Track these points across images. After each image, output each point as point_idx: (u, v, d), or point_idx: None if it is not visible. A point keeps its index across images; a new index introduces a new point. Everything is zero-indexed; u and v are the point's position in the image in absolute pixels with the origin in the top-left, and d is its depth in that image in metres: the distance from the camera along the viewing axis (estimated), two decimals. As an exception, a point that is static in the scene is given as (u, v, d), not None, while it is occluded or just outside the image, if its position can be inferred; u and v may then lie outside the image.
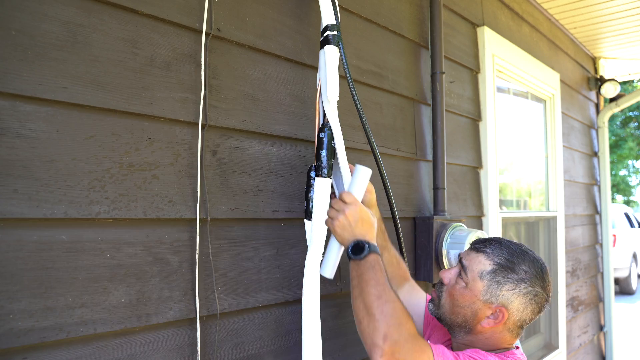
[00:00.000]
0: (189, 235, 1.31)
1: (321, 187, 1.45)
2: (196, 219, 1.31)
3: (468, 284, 1.32)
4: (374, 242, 1.36)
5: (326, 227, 1.46)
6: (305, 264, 1.42)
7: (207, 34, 1.36)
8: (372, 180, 1.70)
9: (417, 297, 1.65)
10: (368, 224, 1.37)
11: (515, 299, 1.28)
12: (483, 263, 1.31)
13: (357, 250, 1.32)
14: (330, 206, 1.41)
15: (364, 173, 1.44)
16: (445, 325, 1.41)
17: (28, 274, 1.02)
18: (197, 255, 1.31)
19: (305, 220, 1.48)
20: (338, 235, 1.38)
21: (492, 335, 1.33)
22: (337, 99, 1.49)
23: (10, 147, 1.01)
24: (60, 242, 1.07)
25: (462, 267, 1.36)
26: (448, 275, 1.39)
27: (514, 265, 1.29)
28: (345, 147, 1.77)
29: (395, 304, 1.24)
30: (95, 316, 1.12)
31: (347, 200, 1.38)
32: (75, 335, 1.08)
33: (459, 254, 1.41)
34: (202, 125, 1.34)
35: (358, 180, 1.44)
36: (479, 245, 1.37)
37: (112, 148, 1.17)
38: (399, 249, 1.82)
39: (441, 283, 1.41)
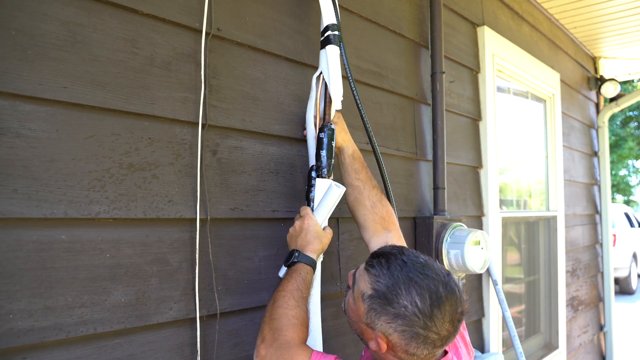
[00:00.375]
0: (189, 235, 1.31)
1: (322, 188, 1.46)
2: (196, 218, 1.31)
3: (355, 300, 1.17)
4: (312, 254, 1.38)
5: (330, 212, 1.46)
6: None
7: (207, 34, 1.36)
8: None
9: None
10: (311, 236, 1.40)
11: (393, 333, 1.08)
12: (365, 284, 1.15)
13: (287, 258, 1.39)
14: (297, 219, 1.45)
15: (335, 193, 1.45)
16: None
17: (28, 273, 1.02)
18: (197, 255, 1.31)
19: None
20: (288, 243, 1.44)
21: (388, 358, 1.15)
22: (342, 98, 1.49)
23: (10, 146, 1.01)
24: (60, 242, 1.07)
25: (354, 277, 1.22)
26: (350, 279, 1.25)
27: (393, 296, 1.09)
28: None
29: (286, 311, 1.24)
30: (95, 316, 1.12)
31: (301, 213, 1.44)
32: (75, 335, 1.08)
33: (355, 269, 1.26)
34: (202, 124, 1.34)
35: (327, 199, 1.45)
36: (370, 260, 1.19)
37: (112, 148, 1.17)
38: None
39: (348, 286, 1.26)
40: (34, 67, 1.05)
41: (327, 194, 1.45)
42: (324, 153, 1.48)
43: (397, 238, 1.51)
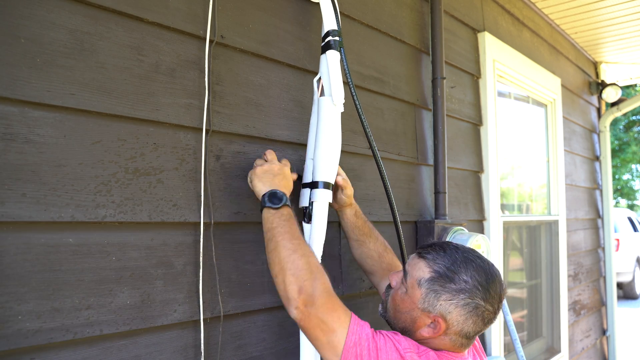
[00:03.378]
0: (193, 239, 1.33)
1: (319, 191, 1.48)
2: (200, 222, 1.34)
3: (408, 290, 1.25)
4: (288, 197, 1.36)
5: (325, 229, 1.48)
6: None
7: (210, 41, 1.38)
8: (373, 184, 1.72)
9: None
10: (289, 183, 1.39)
11: (453, 310, 1.18)
12: (422, 270, 1.23)
13: (274, 199, 1.31)
14: (259, 159, 1.43)
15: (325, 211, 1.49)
16: (394, 329, 1.32)
17: (36, 276, 1.05)
18: (201, 258, 1.33)
19: (304, 223, 1.50)
20: (257, 177, 1.35)
21: (434, 342, 1.23)
22: (343, 101, 1.51)
23: (19, 152, 1.03)
24: (67, 245, 1.10)
25: (404, 271, 1.30)
26: (395, 278, 1.33)
27: (453, 274, 1.20)
28: (347, 152, 1.80)
29: (310, 258, 1.24)
30: (101, 318, 1.14)
31: (283, 161, 1.43)
32: (81, 336, 1.10)
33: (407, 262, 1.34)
34: (206, 130, 1.36)
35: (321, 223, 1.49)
36: (422, 250, 1.29)
37: (118, 153, 1.19)
38: (400, 253, 1.83)
39: (389, 286, 1.35)
40: (43, 74, 1.07)
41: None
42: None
43: None
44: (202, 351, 1.32)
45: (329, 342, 1.18)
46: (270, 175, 1.36)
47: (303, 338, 1.43)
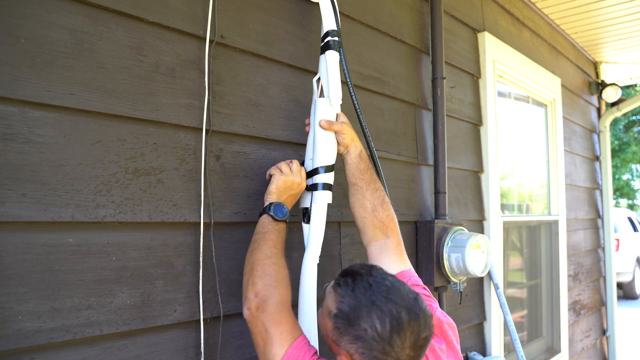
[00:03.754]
0: (193, 239, 1.33)
1: (319, 193, 1.48)
2: (200, 222, 1.34)
3: (323, 317, 1.18)
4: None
5: (323, 230, 1.48)
6: (302, 266, 1.44)
7: (210, 41, 1.38)
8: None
9: (389, 265, 1.43)
10: (296, 198, 1.47)
11: (354, 353, 1.09)
12: (332, 303, 1.15)
13: (279, 211, 1.37)
14: (287, 164, 1.46)
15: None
16: None
17: (36, 276, 1.05)
18: (200, 258, 1.33)
19: (303, 224, 1.50)
20: (277, 187, 1.41)
21: None
22: (341, 102, 1.52)
23: (19, 152, 1.03)
24: (67, 245, 1.10)
25: (324, 294, 1.22)
26: (323, 293, 1.25)
27: (355, 318, 1.09)
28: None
29: (280, 268, 1.28)
30: (101, 318, 1.14)
31: (303, 175, 1.47)
32: (81, 336, 1.10)
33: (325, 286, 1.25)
34: (206, 130, 1.36)
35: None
36: (339, 279, 1.18)
37: (118, 153, 1.19)
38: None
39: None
40: (43, 74, 1.08)
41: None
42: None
43: (395, 244, 1.49)
44: (202, 351, 1.32)
45: (265, 353, 1.18)
46: (288, 191, 1.43)
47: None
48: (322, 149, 1.49)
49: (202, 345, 1.32)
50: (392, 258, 1.46)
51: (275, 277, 1.25)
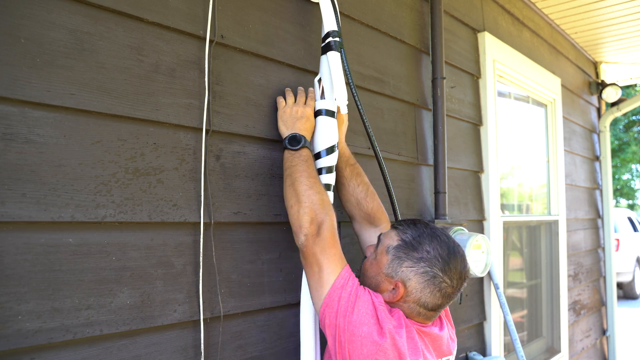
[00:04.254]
0: (193, 239, 1.33)
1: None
2: (200, 222, 1.34)
3: (377, 256, 1.36)
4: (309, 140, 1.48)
5: None
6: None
7: (210, 41, 1.38)
8: (373, 184, 1.72)
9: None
10: (310, 126, 1.50)
11: (412, 277, 1.28)
12: (392, 238, 1.34)
13: (293, 141, 1.43)
14: (290, 93, 1.53)
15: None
16: None
17: (36, 276, 1.05)
18: (200, 258, 1.33)
19: None
20: (282, 121, 1.48)
21: (401, 306, 1.31)
22: (347, 102, 1.52)
23: (19, 152, 1.03)
24: (67, 245, 1.10)
25: (378, 240, 1.40)
26: (370, 249, 1.45)
27: (418, 244, 1.30)
28: (347, 152, 1.79)
29: (324, 196, 1.34)
30: (101, 317, 1.14)
31: (307, 101, 1.52)
32: (81, 336, 1.10)
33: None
34: (206, 130, 1.36)
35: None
36: (396, 223, 1.41)
37: (118, 153, 1.19)
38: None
39: (365, 256, 1.46)
40: (43, 74, 1.08)
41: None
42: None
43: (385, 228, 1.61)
44: (202, 351, 1.32)
45: (320, 277, 1.28)
46: (293, 119, 1.47)
47: (303, 337, 1.43)
48: (322, 133, 1.51)
49: (202, 345, 1.32)
50: None
51: (322, 204, 1.32)
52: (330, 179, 1.51)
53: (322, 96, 1.54)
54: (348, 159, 1.65)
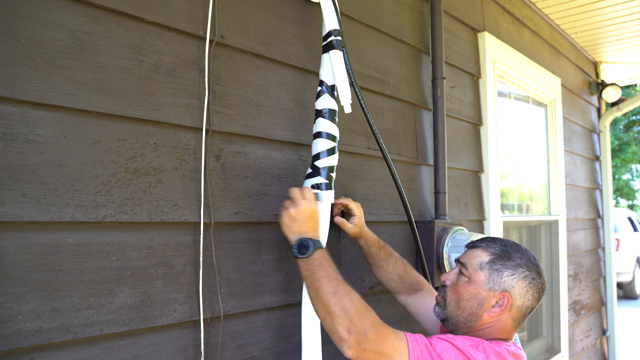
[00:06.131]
0: (193, 239, 1.33)
1: (322, 193, 1.48)
2: (200, 222, 1.34)
3: (470, 277, 1.37)
4: (318, 238, 1.37)
5: (327, 230, 1.49)
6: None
7: (210, 41, 1.38)
8: (373, 184, 1.72)
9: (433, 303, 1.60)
10: (315, 223, 1.40)
11: (516, 284, 1.33)
12: (480, 256, 1.38)
13: (302, 248, 1.34)
14: (289, 197, 1.43)
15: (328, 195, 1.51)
16: (450, 325, 1.41)
17: (36, 276, 1.05)
18: (200, 258, 1.33)
19: None
20: (286, 227, 1.39)
21: (495, 325, 1.35)
22: (351, 101, 1.52)
23: (19, 152, 1.03)
24: (67, 245, 1.10)
25: (461, 264, 1.41)
26: (449, 276, 1.43)
27: (509, 253, 1.36)
28: (347, 152, 1.80)
29: (351, 296, 1.26)
30: (101, 317, 1.14)
31: (306, 196, 1.39)
32: (81, 336, 1.10)
33: (456, 259, 1.45)
34: (206, 130, 1.36)
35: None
36: (472, 243, 1.44)
37: (118, 153, 1.19)
38: (417, 251, 1.85)
39: (444, 285, 1.44)
40: (43, 74, 1.07)
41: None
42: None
43: (430, 292, 1.70)
44: (202, 351, 1.32)
45: None
46: (297, 223, 1.37)
47: (304, 338, 1.43)
48: (323, 150, 1.49)
49: (202, 345, 1.32)
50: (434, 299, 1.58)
51: (353, 306, 1.24)
52: (332, 160, 1.51)
53: (325, 95, 1.54)
54: (377, 242, 1.70)
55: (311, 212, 1.38)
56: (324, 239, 1.48)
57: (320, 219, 1.44)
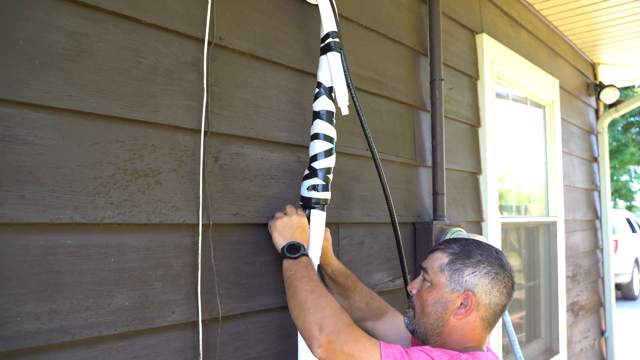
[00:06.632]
0: (192, 240, 1.33)
1: (319, 194, 1.49)
2: (198, 224, 1.34)
3: (432, 281, 1.33)
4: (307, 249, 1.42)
5: (322, 234, 1.49)
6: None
7: (209, 43, 1.39)
8: (372, 185, 1.73)
9: (401, 322, 1.57)
10: (306, 236, 1.46)
11: (478, 282, 1.29)
12: (440, 258, 1.34)
13: (292, 249, 1.39)
14: (284, 210, 1.48)
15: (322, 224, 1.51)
16: (420, 335, 1.37)
17: (34, 277, 1.05)
18: (199, 259, 1.33)
19: None
20: (277, 231, 1.42)
21: (464, 328, 1.30)
22: (347, 103, 1.52)
23: (17, 153, 1.04)
24: (65, 247, 1.10)
25: (423, 270, 1.38)
26: (414, 285, 1.40)
27: (469, 252, 1.32)
28: (345, 154, 1.80)
29: (328, 297, 1.27)
30: (100, 319, 1.14)
31: (299, 212, 1.47)
32: (80, 337, 1.10)
33: (419, 265, 1.42)
34: (204, 132, 1.36)
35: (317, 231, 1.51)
36: (433, 247, 1.42)
37: (117, 154, 1.19)
38: (399, 254, 1.83)
39: (409, 295, 1.41)
40: (41, 76, 1.08)
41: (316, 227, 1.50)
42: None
43: (396, 313, 1.64)
44: (201, 352, 1.32)
45: None
46: (290, 229, 1.43)
47: (301, 339, 1.43)
48: (320, 152, 1.50)
49: (200, 346, 1.32)
50: (402, 318, 1.54)
51: (328, 306, 1.24)
52: (329, 162, 1.51)
53: (322, 97, 1.54)
54: (344, 271, 1.63)
55: (303, 225, 1.45)
56: (321, 238, 1.49)
57: (311, 236, 1.48)
